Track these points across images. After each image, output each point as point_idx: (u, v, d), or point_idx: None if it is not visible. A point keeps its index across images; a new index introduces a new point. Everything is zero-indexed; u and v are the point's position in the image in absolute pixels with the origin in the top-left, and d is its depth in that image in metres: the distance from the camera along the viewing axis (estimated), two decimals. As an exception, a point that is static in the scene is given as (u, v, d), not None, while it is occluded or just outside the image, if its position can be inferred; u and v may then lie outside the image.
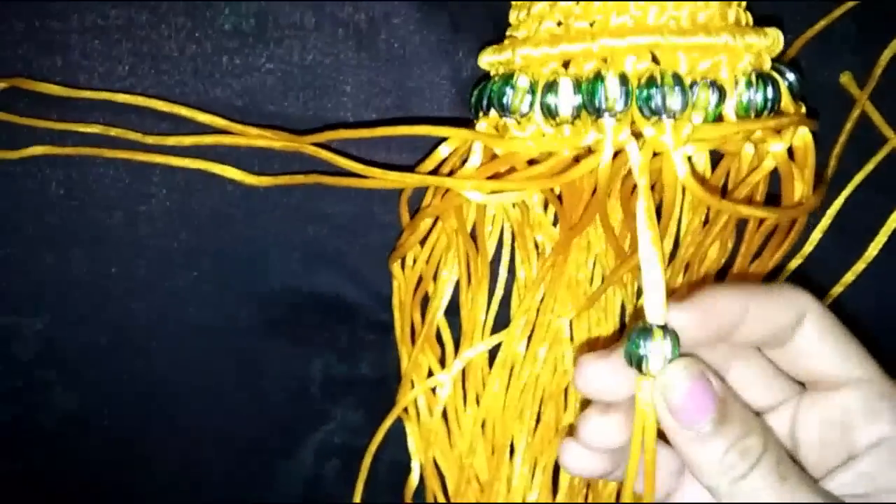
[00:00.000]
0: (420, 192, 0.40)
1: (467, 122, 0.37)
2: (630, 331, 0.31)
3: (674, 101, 0.32)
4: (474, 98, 0.37)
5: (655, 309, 0.30)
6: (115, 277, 0.41)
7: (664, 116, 0.32)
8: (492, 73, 0.36)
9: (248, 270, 0.42)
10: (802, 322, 0.33)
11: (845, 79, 0.41)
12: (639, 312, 0.32)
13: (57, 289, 0.41)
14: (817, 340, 0.33)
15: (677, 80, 0.32)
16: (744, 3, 0.35)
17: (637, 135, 0.33)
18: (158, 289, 0.42)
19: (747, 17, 0.35)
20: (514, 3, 0.36)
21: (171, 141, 0.39)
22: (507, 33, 0.36)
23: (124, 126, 0.39)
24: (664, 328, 0.30)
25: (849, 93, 0.41)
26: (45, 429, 0.43)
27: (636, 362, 0.31)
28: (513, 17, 0.36)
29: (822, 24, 0.40)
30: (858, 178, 0.41)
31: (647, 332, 0.30)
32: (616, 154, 0.33)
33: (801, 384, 0.35)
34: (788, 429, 0.35)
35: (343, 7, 0.40)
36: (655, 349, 0.30)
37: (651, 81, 0.32)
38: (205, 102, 0.39)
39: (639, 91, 0.32)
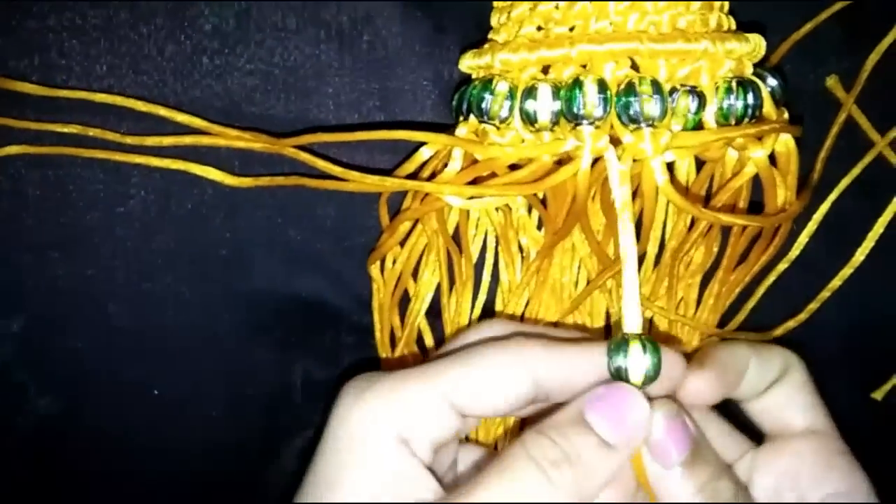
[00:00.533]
0: (401, 194, 0.39)
1: (450, 125, 0.37)
2: (610, 343, 0.31)
3: (652, 108, 0.31)
4: (455, 102, 0.36)
5: (632, 319, 0.31)
6: (92, 279, 0.41)
7: (643, 124, 0.32)
8: (473, 77, 0.36)
9: (228, 273, 0.41)
10: (785, 376, 0.35)
11: (831, 82, 0.41)
12: (618, 324, 0.32)
13: (34, 291, 0.41)
14: (793, 393, 0.35)
15: (656, 87, 0.32)
16: (726, 8, 0.35)
17: (616, 141, 0.32)
18: (136, 291, 0.41)
19: (730, 23, 0.34)
20: (495, 5, 0.36)
21: (150, 141, 0.38)
22: (489, 37, 0.36)
23: (102, 126, 0.39)
24: (641, 337, 0.31)
25: (835, 96, 0.41)
26: (22, 432, 0.42)
27: (618, 374, 0.31)
28: (494, 20, 0.36)
29: (807, 27, 0.40)
30: (845, 183, 0.41)
31: (625, 343, 0.31)
32: (597, 160, 0.33)
33: (755, 440, 0.36)
34: (745, 481, 0.35)
35: (325, 8, 0.39)
36: (635, 359, 0.31)
37: (629, 89, 0.32)
38: (184, 103, 0.39)
39: (617, 98, 0.32)
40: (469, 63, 0.36)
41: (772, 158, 0.35)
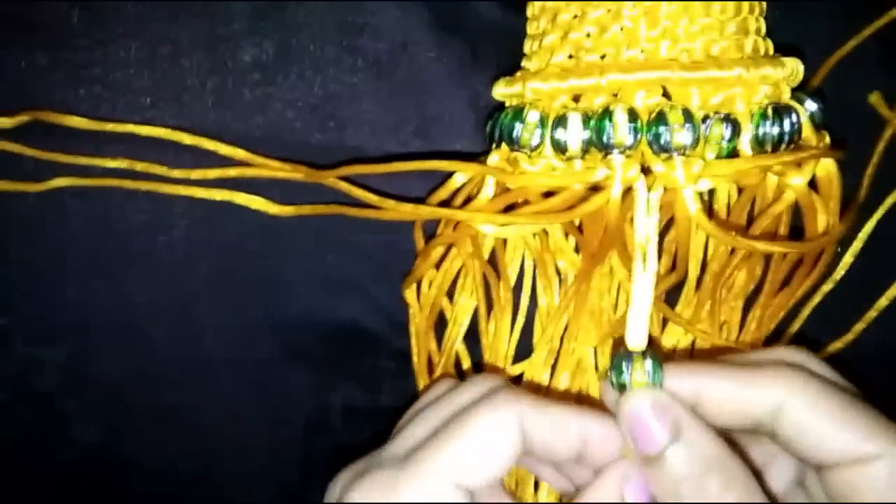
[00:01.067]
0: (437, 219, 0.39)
1: (485, 151, 0.37)
2: (612, 357, 0.31)
3: (683, 138, 0.31)
4: (488, 129, 0.36)
5: (637, 335, 0.31)
6: (136, 308, 0.42)
7: (674, 153, 0.31)
8: (506, 104, 0.36)
9: (268, 300, 0.42)
10: (783, 411, 0.30)
11: (875, 98, 0.40)
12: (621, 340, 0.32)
13: (78, 320, 0.42)
14: (805, 427, 0.30)
15: (687, 116, 0.31)
16: (763, 31, 0.34)
17: (648, 170, 0.32)
18: (179, 319, 0.42)
19: (767, 46, 0.34)
20: (527, 33, 0.36)
21: (196, 174, 0.39)
22: (521, 64, 0.36)
23: (145, 157, 0.39)
24: (645, 353, 0.31)
25: (878, 113, 0.40)
26: (66, 461, 0.43)
27: (619, 388, 0.31)
28: (527, 47, 0.36)
29: (847, 47, 0.39)
30: (890, 201, 0.40)
31: (628, 357, 0.31)
32: (630, 188, 0.33)
33: None
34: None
35: (362, 37, 0.40)
36: (636, 374, 0.31)
37: (660, 118, 0.31)
38: (226, 133, 0.40)
39: (647, 128, 0.32)
40: (501, 91, 0.36)
41: (814, 183, 0.35)
